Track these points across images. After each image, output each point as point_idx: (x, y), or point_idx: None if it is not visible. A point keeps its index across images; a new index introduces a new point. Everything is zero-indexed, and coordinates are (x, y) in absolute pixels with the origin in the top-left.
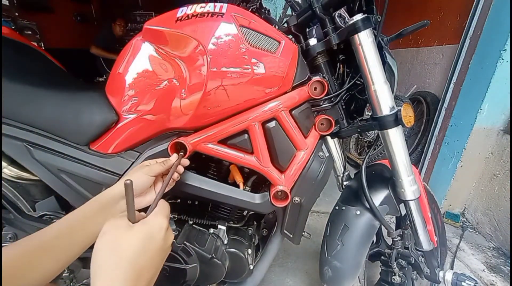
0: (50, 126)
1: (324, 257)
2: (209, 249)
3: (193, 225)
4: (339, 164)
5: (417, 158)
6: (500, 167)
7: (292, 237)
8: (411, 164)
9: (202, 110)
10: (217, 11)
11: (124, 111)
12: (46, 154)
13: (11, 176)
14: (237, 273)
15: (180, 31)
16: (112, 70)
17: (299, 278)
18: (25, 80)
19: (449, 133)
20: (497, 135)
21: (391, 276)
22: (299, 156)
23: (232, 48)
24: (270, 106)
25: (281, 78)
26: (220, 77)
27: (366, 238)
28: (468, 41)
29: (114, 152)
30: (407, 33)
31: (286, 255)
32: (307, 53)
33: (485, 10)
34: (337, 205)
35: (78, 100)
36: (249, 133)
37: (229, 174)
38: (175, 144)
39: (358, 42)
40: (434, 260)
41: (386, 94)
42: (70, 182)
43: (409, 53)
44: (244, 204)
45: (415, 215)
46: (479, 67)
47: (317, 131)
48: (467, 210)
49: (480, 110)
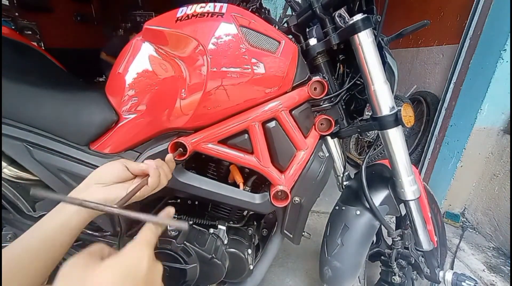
0: (50, 126)
1: (324, 257)
2: (209, 249)
3: (193, 225)
4: (339, 164)
5: (417, 158)
6: (500, 167)
7: (292, 237)
8: (411, 164)
9: (202, 110)
10: (217, 11)
11: (124, 111)
12: (46, 154)
13: (11, 176)
14: (237, 273)
15: (180, 31)
16: (112, 70)
17: (299, 278)
18: (25, 80)
19: (449, 133)
20: (497, 135)
21: (391, 276)
22: (299, 156)
23: (232, 48)
24: (270, 106)
25: (281, 78)
26: (220, 77)
27: (366, 238)
28: (468, 41)
29: (114, 152)
30: (407, 33)
31: (286, 255)
32: (307, 53)
33: (485, 10)
34: (337, 205)
35: (78, 100)
36: (249, 133)
37: (229, 174)
38: (175, 144)
39: (358, 42)
40: (434, 260)
41: (386, 94)
42: (70, 182)
43: (409, 53)
44: (244, 204)
45: (415, 215)
46: (479, 67)
47: (317, 131)
48: (467, 210)
49: (480, 110)
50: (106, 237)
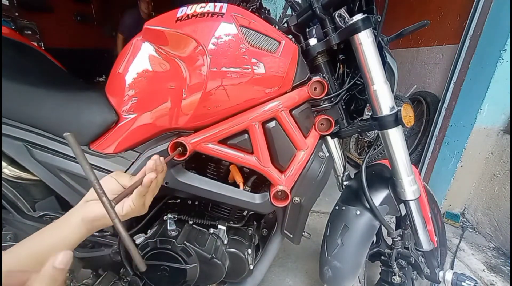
0: (50, 126)
1: (324, 257)
2: (209, 249)
3: (193, 225)
4: (339, 164)
5: (417, 158)
6: (500, 167)
7: (292, 237)
8: (411, 164)
9: (202, 110)
10: (217, 11)
11: (124, 111)
12: (46, 154)
13: (11, 176)
14: (237, 273)
15: (180, 31)
16: (112, 70)
17: (299, 278)
18: (25, 80)
19: (449, 133)
20: (497, 135)
21: (391, 276)
22: (299, 156)
23: (232, 48)
24: (270, 106)
25: (281, 78)
26: (220, 77)
27: (366, 238)
28: (468, 41)
29: (114, 152)
30: (407, 33)
31: (286, 255)
32: (307, 53)
33: (485, 10)
34: (337, 205)
35: (78, 100)
36: (249, 133)
37: (229, 174)
38: (175, 144)
39: (358, 42)
40: (434, 260)
41: (386, 94)
42: (70, 182)
43: (409, 53)
44: (244, 204)
45: (415, 215)
46: (479, 67)
47: (317, 131)
48: (467, 210)
49: (480, 110)
50: (106, 237)
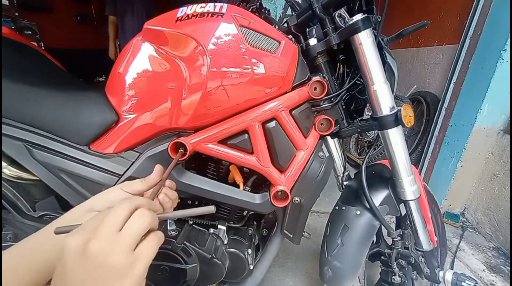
0: (50, 126)
1: (324, 257)
2: (209, 249)
3: (193, 225)
4: (339, 164)
5: (417, 158)
6: (500, 167)
7: (292, 237)
8: (411, 164)
9: (202, 110)
10: (217, 11)
11: (124, 111)
12: (46, 154)
13: (11, 176)
14: (237, 273)
15: (180, 31)
16: (112, 70)
17: (299, 278)
18: (25, 80)
19: (449, 133)
20: (497, 135)
21: (391, 276)
22: (299, 156)
23: (232, 48)
24: (270, 106)
25: (281, 78)
26: (220, 77)
27: (366, 238)
28: (468, 41)
29: (114, 152)
30: (407, 33)
31: (286, 255)
32: (307, 53)
33: (485, 10)
34: (337, 205)
35: (78, 100)
36: (249, 133)
37: (229, 174)
38: (175, 144)
39: (358, 42)
40: (434, 260)
41: (386, 94)
42: (70, 182)
43: (409, 53)
44: (244, 204)
45: (415, 215)
46: (479, 67)
47: (317, 131)
48: (467, 210)
49: (480, 110)
50: None
